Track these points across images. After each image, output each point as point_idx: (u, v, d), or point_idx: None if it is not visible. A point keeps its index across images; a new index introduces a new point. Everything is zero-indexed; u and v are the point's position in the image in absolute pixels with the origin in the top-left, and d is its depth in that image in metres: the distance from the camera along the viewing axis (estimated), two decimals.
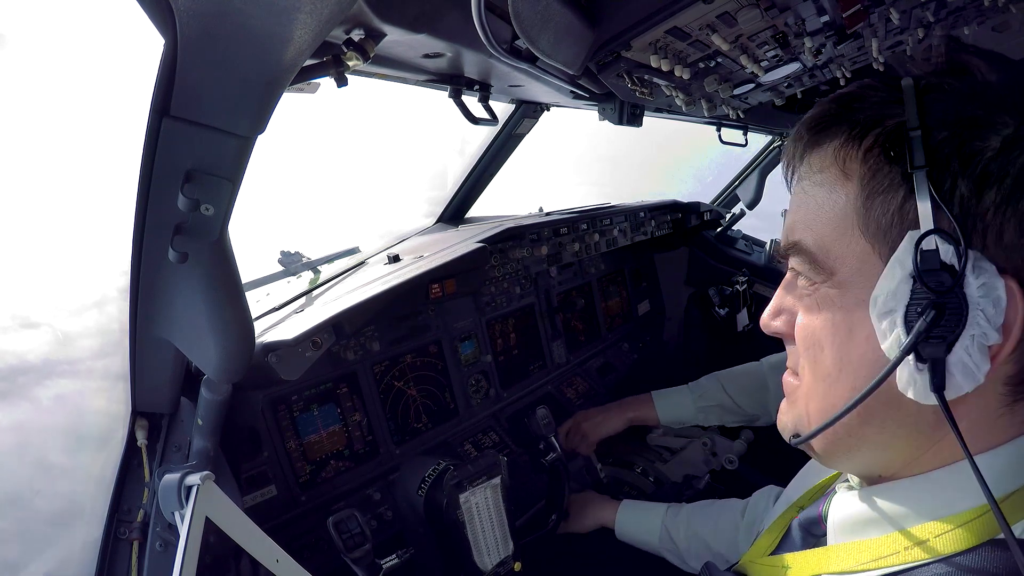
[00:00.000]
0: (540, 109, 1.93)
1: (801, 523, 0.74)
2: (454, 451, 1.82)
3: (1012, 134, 0.47)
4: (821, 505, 0.71)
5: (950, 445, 0.52)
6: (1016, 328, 0.47)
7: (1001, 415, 0.52)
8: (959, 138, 0.48)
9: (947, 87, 0.51)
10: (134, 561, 0.98)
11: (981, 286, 0.47)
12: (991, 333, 0.47)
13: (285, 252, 2.10)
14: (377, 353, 1.68)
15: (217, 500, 0.88)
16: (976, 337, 0.47)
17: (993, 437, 0.53)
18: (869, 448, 0.58)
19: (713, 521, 1.32)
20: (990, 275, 0.47)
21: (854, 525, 0.61)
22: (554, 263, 2.09)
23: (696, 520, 1.35)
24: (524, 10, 0.72)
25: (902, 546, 0.55)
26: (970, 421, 0.52)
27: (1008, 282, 0.47)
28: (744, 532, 1.25)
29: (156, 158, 0.73)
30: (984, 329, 0.47)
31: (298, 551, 1.36)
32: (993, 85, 0.49)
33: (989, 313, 0.47)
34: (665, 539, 1.39)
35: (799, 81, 1.63)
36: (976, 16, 1.38)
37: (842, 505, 0.64)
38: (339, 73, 0.80)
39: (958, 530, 0.51)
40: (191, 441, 1.06)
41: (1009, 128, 0.47)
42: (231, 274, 0.88)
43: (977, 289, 0.47)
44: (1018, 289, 0.47)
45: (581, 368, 2.39)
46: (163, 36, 0.61)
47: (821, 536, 0.69)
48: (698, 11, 0.93)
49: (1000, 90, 0.49)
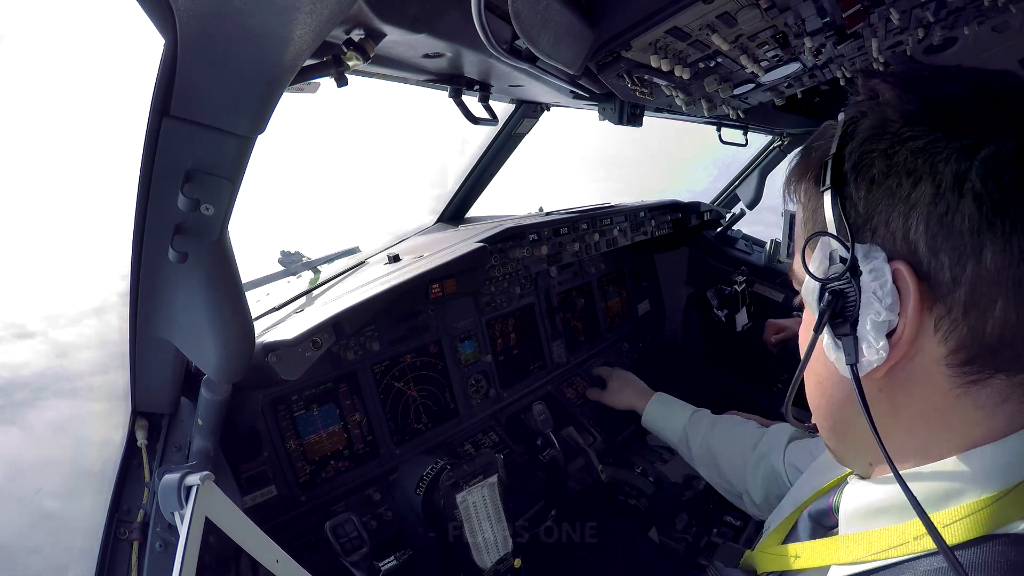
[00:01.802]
0: (540, 109, 1.93)
1: (811, 514, 0.75)
2: (454, 451, 1.82)
3: (895, 136, 0.53)
4: (831, 497, 0.71)
5: (960, 435, 0.55)
6: (909, 308, 0.52)
7: (958, 397, 0.55)
8: (860, 150, 0.55)
9: (865, 108, 0.57)
10: (134, 561, 0.98)
11: (871, 271, 0.53)
12: (884, 312, 0.53)
13: (285, 252, 2.10)
14: (377, 353, 1.68)
15: (217, 500, 0.88)
16: (871, 317, 0.54)
17: (957, 420, 0.56)
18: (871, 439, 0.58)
19: (727, 442, 1.47)
20: (879, 262, 0.53)
21: (866, 514, 0.63)
22: (554, 263, 2.09)
23: (713, 436, 1.53)
24: (524, 10, 0.73)
25: (912, 536, 0.56)
26: (922, 401, 0.56)
27: (898, 266, 0.52)
28: (753, 467, 1.36)
29: (156, 158, 0.73)
30: (877, 309, 0.53)
31: (298, 551, 1.36)
32: (891, 100, 0.55)
33: (880, 294, 0.53)
34: (683, 441, 1.61)
35: (799, 81, 1.63)
36: (976, 16, 1.38)
37: (854, 495, 0.65)
38: (339, 73, 0.80)
39: (967, 519, 0.53)
40: (191, 441, 1.06)
41: (893, 131, 0.53)
42: (231, 274, 0.88)
43: (868, 275, 0.53)
44: (908, 272, 0.52)
45: (581, 368, 2.39)
46: (163, 36, 0.61)
47: (831, 528, 0.70)
48: (698, 11, 0.93)
49: (894, 101, 0.54)
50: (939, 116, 0.51)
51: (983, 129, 0.50)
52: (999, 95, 0.52)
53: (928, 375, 0.55)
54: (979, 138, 0.49)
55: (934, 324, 0.53)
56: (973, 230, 0.49)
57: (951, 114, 0.51)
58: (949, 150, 0.50)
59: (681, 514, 1.88)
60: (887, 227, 0.53)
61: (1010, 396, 0.54)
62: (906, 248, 0.52)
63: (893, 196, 0.52)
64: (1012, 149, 0.48)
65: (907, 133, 0.52)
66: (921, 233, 0.51)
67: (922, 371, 0.55)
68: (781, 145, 3.17)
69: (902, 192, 0.52)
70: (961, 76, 0.54)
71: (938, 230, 0.50)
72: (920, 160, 0.51)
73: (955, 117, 0.51)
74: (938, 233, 0.50)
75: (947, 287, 0.51)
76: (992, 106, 0.51)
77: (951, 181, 0.49)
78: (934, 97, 0.53)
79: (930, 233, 0.51)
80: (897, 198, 0.52)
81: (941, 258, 0.51)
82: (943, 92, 0.53)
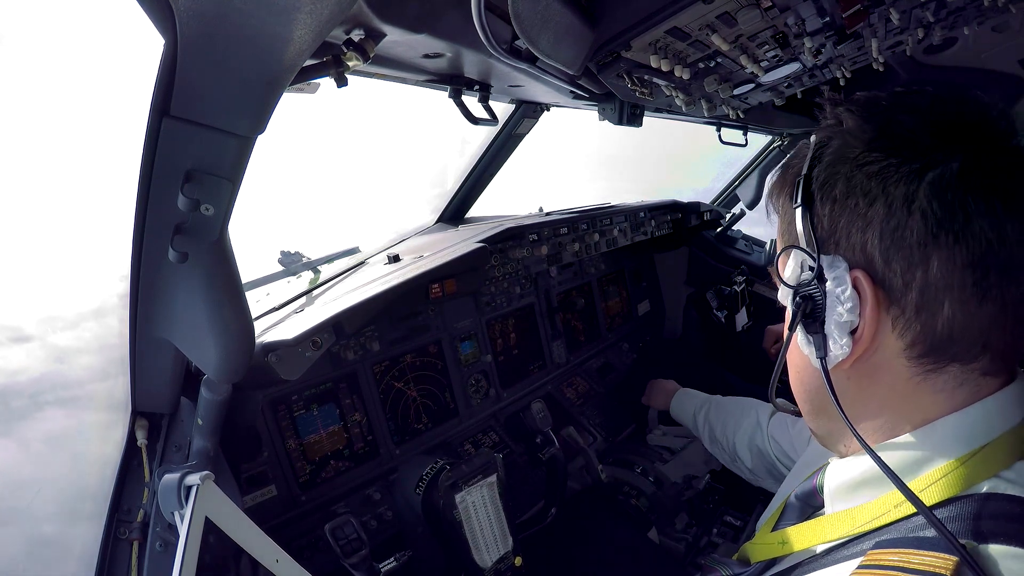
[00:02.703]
0: (540, 109, 1.93)
1: (798, 496, 0.80)
2: (454, 451, 1.82)
3: (855, 161, 0.59)
4: (815, 478, 0.76)
5: (922, 414, 0.61)
6: (867, 310, 0.59)
7: (918, 384, 0.61)
8: (826, 172, 0.62)
9: (832, 134, 0.64)
10: (134, 561, 0.98)
11: (834, 279, 0.60)
12: (845, 314, 0.60)
13: (285, 252, 2.10)
14: (377, 353, 1.68)
15: (217, 500, 0.88)
16: (835, 318, 0.61)
17: (921, 405, 0.62)
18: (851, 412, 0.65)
19: (722, 421, 1.70)
20: (841, 271, 0.60)
21: (848, 489, 0.68)
22: (554, 263, 2.09)
23: (713, 414, 1.77)
24: (524, 10, 0.73)
25: (892, 504, 0.61)
26: (885, 391, 0.63)
27: (856, 274, 0.59)
28: (742, 433, 1.59)
29: (156, 158, 0.73)
30: (839, 312, 0.60)
31: (298, 551, 1.36)
32: (853, 128, 0.61)
33: (842, 299, 0.60)
34: (695, 427, 1.83)
35: (799, 81, 1.63)
36: (976, 16, 1.38)
37: (836, 472, 0.70)
38: (339, 73, 0.80)
39: (940, 482, 0.58)
40: (191, 441, 1.06)
41: (853, 156, 0.60)
42: (231, 274, 0.88)
43: (831, 282, 0.61)
44: (866, 279, 0.59)
45: (581, 368, 2.39)
46: (163, 36, 0.61)
47: (819, 507, 0.74)
48: (698, 11, 0.93)
49: (855, 130, 0.61)
50: (893, 144, 0.58)
51: (932, 154, 0.56)
52: (951, 123, 0.58)
53: (889, 365, 0.61)
54: (927, 162, 0.55)
55: (891, 323, 0.59)
56: (921, 242, 0.55)
57: (903, 142, 0.58)
58: (900, 174, 0.56)
59: (681, 514, 1.88)
60: (848, 240, 0.60)
61: (966, 380, 0.60)
62: (864, 258, 0.59)
63: (852, 213, 0.59)
64: (956, 171, 0.54)
65: (864, 159, 0.59)
66: (876, 245, 0.58)
67: (884, 362, 0.62)
68: (781, 145, 3.16)
69: (860, 210, 0.59)
70: (917, 106, 0.60)
71: (890, 243, 0.57)
72: (874, 182, 0.58)
73: (907, 144, 0.57)
74: (891, 245, 0.57)
75: (900, 291, 0.58)
76: (942, 133, 0.57)
77: (901, 200, 0.56)
78: (890, 127, 0.59)
79: (883, 245, 0.58)
80: (856, 215, 0.59)
81: (894, 266, 0.58)
82: (898, 122, 0.59)
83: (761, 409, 1.61)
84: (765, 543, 0.80)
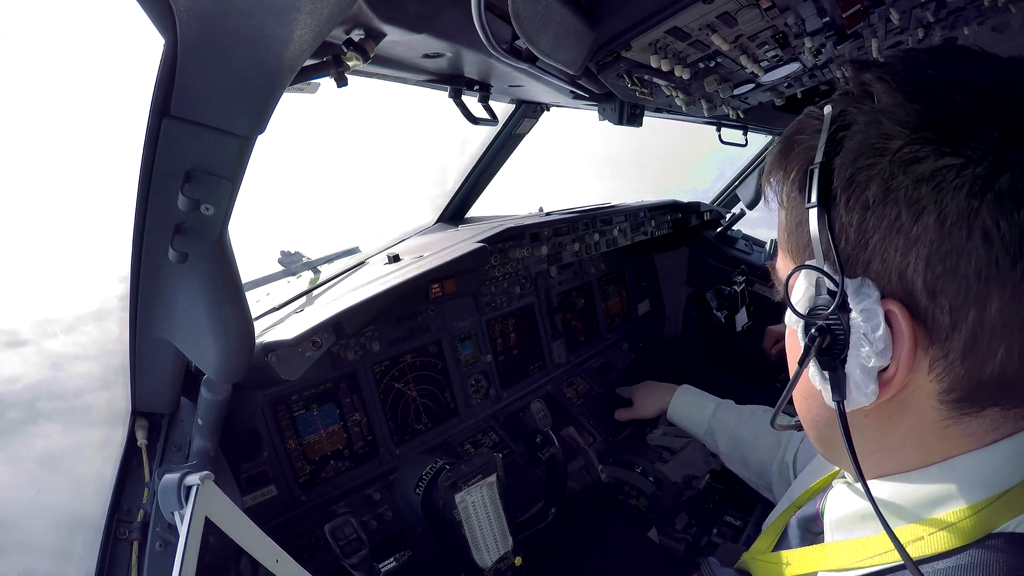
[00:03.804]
0: (540, 109, 1.93)
1: (799, 520, 0.75)
2: (454, 451, 1.82)
3: (896, 154, 0.45)
4: (818, 502, 0.71)
5: (951, 448, 0.52)
6: (902, 353, 0.47)
7: (947, 427, 0.51)
8: (853, 167, 0.48)
9: (856, 112, 0.50)
10: (134, 561, 0.98)
11: (862, 311, 0.48)
12: (874, 358, 0.48)
13: (285, 252, 2.10)
14: (377, 353, 1.68)
15: (217, 500, 0.88)
16: (860, 361, 0.49)
17: (945, 447, 0.52)
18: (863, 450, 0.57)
19: (752, 437, 1.43)
20: (871, 301, 0.47)
21: (850, 521, 0.62)
22: (554, 263, 2.09)
23: (740, 429, 1.48)
24: (524, 10, 0.73)
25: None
26: (906, 431, 0.53)
27: (891, 307, 0.47)
28: (779, 469, 1.32)
29: (156, 158, 0.73)
30: (866, 353, 0.48)
31: (298, 551, 1.36)
32: (890, 107, 0.47)
33: (870, 337, 0.48)
34: (709, 435, 1.59)
35: (799, 81, 1.63)
36: (976, 16, 1.38)
37: (838, 502, 0.64)
38: (339, 73, 0.80)
39: (950, 528, 0.51)
40: (191, 441, 1.06)
41: (893, 149, 0.45)
42: (231, 274, 0.88)
43: (858, 314, 0.48)
44: (903, 314, 0.46)
45: (581, 368, 2.39)
46: (163, 36, 0.61)
47: (819, 533, 0.70)
48: (698, 11, 0.93)
49: (893, 110, 0.46)
50: (948, 135, 0.43)
51: (1002, 154, 0.42)
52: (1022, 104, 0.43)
53: (917, 407, 0.51)
54: (996, 166, 0.42)
55: (928, 364, 0.48)
56: (980, 274, 0.43)
57: (962, 135, 0.43)
58: (961, 179, 0.42)
59: (681, 514, 1.88)
60: (882, 261, 0.47)
61: (1003, 423, 0.50)
62: (901, 287, 0.47)
63: (891, 228, 0.46)
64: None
65: (909, 154, 0.44)
66: (920, 272, 0.45)
67: (911, 403, 0.51)
68: None
69: (902, 224, 0.45)
70: (978, 81, 0.45)
71: (940, 271, 0.44)
72: (924, 190, 0.44)
73: (967, 137, 0.43)
74: (941, 275, 0.44)
75: (945, 331, 0.46)
76: (1012, 122, 0.43)
77: (958, 216, 0.43)
78: (942, 111, 0.44)
79: (931, 273, 0.45)
80: (895, 230, 0.46)
81: (940, 301, 0.45)
82: (953, 104, 0.44)
83: (793, 438, 1.34)
84: (769, 561, 0.76)
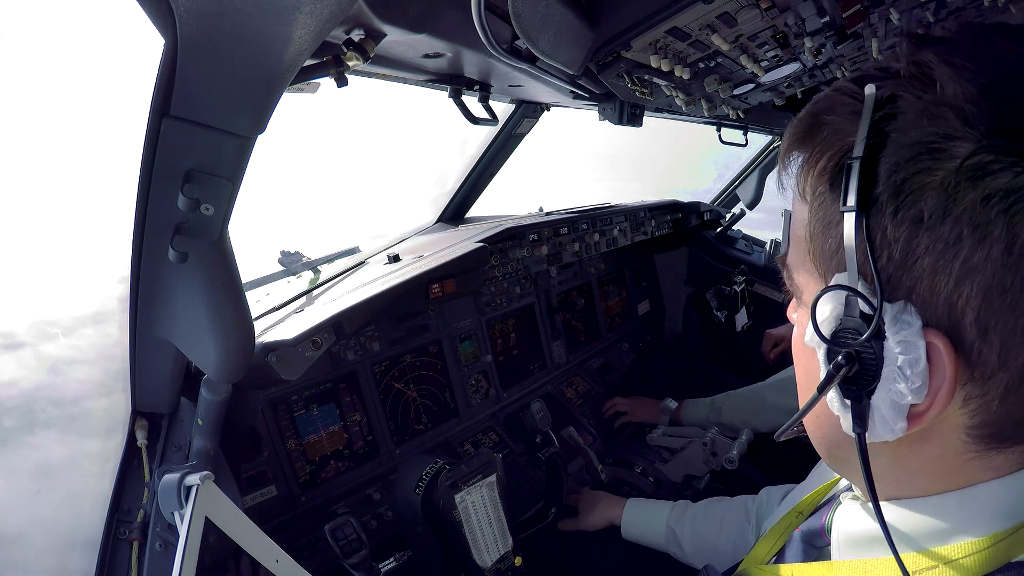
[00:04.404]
0: (540, 109, 1.93)
1: (803, 534, 0.72)
2: (454, 451, 1.82)
3: (965, 162, 0.38)
4: (824, 516, 0.68)
5: (968, 474, 0.49)
6: (942, 393, 0.42)
7: (971, 459, 0.48)
8: (906, 170, 0.40)
9: (910, 100, 0.41)
10: (134, 561, 0.98)
11: (900, 342, 0.42)
12: (908, 395, 0.43)
13: (285, 252, 2.10)
14: (377, 353, 1.68)
15: (217, 500, 0.88)
16: (891, 395, 0.44)
17: (964, 479, 0.49)
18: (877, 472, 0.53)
19: (717, 522, 1.29)
20: (912, 332, 0.42)
21: (860, 542, 0.58)
22: (554, 263, 2.09)
23: (700, 521, 1.34)
24: (524, 10, 0.73)
25: (910, 570, 0.51)
26: (926, 460, 0.49)
27: (934, 339, 0.41)
28: (754, 534, 1.23)
29: (156, 158, 0.73)
30: (902, 390, 0.43)
31: (298, 551, 1.36)
32: (956, 98, 0.39)
33: (906, 372, 0.42)
34: (671, 539, 1.38)
35: (799, 81, 1.63)
36: (976, 16, 1.38)
37: (848, 519, 0.61)
38: (339, 73, 0.80)
39: (969, 558, 0.48)
40: (191, 441, 1.06)
41: (959, 156, 0.38)
42: (231, 274, 0.88)
43: (896, 345, 0.42)
44: (947, 348, 0.41)
45: (581, 368, 2.39)
46: (163, 36, 0.61)
47: (823, 548, 0.67)
48: (698, 11, 0.93)
49: (960, 102, 0.39)
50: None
51: None
52: None
53: (943, 440, 0.47)
54: None
55: (963, 399, 0.44)
56: None
57: None
58: None
59: None
60: (930, 287, 0.41)
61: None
62: (948, 317, 0.41)
63: (947, 250, 0.39)
64: None
65: (979, 164, 0.37)
66: (973, 305, 0.40)
67: (937, 435, 0.47)
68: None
69: (961, 248, 0.39)
70: None
71: (998, 307, 0.39)
72: (995, 210, 0.37)
73: None
74: (997, 310, 0.39)
75: (990, 370, 0.41)
76: None
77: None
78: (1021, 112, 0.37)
79: (985, 308, 0.39)
80: (951, 254, 0.39)
81: (991, 338, 0.40)
82: None
83: (769, 495, 1.23)
84: (771, 573, 0.74)
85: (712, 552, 1.28)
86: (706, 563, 1.04)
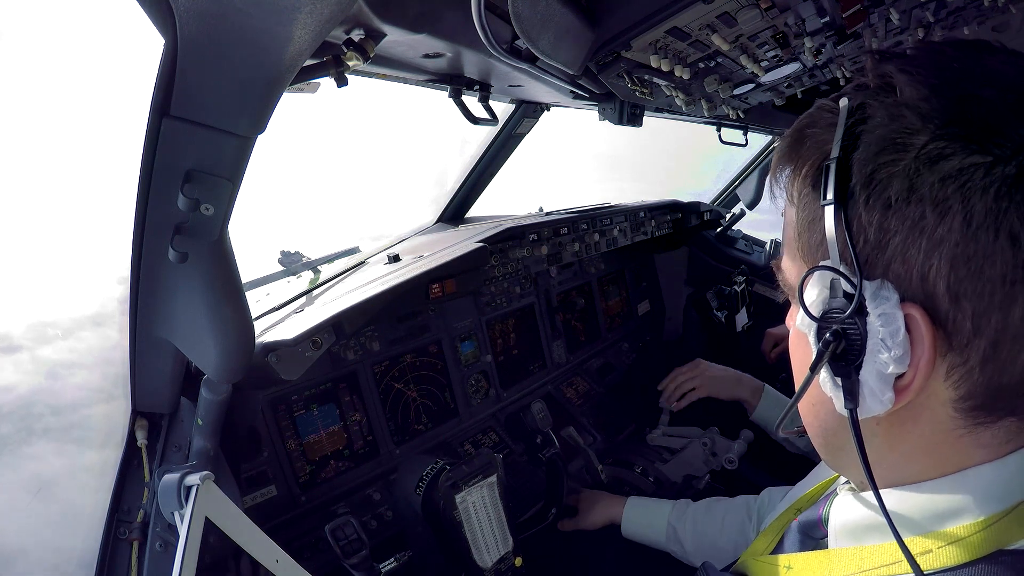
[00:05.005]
0: (540, 109, 1.93)
1: (800, 525, 0.73)
2: (454, 451, 1.82)
3: (921, 150, 0.44)
4: (821, 508, 0.70)
5: (964, 458, 0.52)
6: (923, 362, 0.46)
7: (960, 437, 0.50)
8: (874, 162, 0.46)
9: (876, 106, 0.48)
10: (134, 561, 0.98)
11: (880, 315, 0.47)
12: (892, 364, 0.47)
13: (285, 252, 2.10)
14: (377, 353, 1.68)
15: (217, 500, 0.88)
16: (876, 365, 0.48)
17: (958, 458, 0.52)
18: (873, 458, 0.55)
19: (719, 520, 1.31)
20: (891, 305, 0.46)
21: (857, 530, 0.60)
22: (554, 263, 2.09)
23: (702, 519, 1.35)
24: (524, 10, 0.73)
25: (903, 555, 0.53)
26: (918, 440, 0.52)
27: (911, 311, 0.46)
28: (755, 533, 1.22)
29: (156, 158, 0.73)
30: (885, 360, 0.47)
31: (298, 551, 1.36)
32: (913, 100, 0.46)
33: (888, 343, 0.46)
34: (671, 538, 1.39)
35: (799, 81, 1.63)
36: (976, 16, 1.38)
37: (844, 508, 0.63)
38: (339, 73, 0.80)
39: (960, 542, 0.50)
40: (191, 441, 1.06)
41: (917, 145, 0.44)
42: (231, 274, 0.88)
43: (877, 319, 0.47)
44: (924, 318, 0.45)
45: (581, 368, 2.39)
46: (163, 36, 0.61)
47: (821, 539, 0.68)
48: (698, 11, 0.93)
49: (917, 103, 0.45)
50: (976, 133, 0.42)
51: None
52: None
53: (931, 414, 0.50)
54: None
55: (946, 371, 0.47)
56: (1005, 278, 0.42)
57: (990, 132, 0.42)
58: (989, 179, 0.41)
59: None
60: (903, 263, 0.46)
61: (1017, 436, 0.50)
62: (922, 290, 0.46)
63: (914, 228, 0.44)
64: None
65: (935, 151, 0.43)
66: (943, 275, 0.44)
67: (926, 411, 0.50)
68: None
69: (925, 225, 0.44)
70: (1003, 76, 0.44)
71: (964, 274, 0.43)
72: (951, 188, 0.42)
73: (995, 136, 0.42)
74: (964, 278, 0.43)
75: (966, 337, 0.45)
76: None
77: (985, 218, 0.42)
78: (969, 106, 0.43)
79: (954, 276, 0.44)
80: (918, 231, 0.44)
81: (963, 305, 0.44)
82: (980, 100, 0.43)
83: (769, 496, 1.26)
84: (768, 563, 0.75)
85: (713, 550, 1.29)
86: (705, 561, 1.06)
